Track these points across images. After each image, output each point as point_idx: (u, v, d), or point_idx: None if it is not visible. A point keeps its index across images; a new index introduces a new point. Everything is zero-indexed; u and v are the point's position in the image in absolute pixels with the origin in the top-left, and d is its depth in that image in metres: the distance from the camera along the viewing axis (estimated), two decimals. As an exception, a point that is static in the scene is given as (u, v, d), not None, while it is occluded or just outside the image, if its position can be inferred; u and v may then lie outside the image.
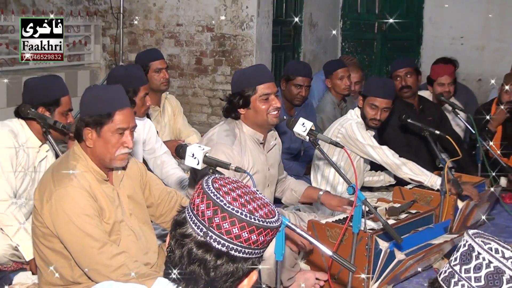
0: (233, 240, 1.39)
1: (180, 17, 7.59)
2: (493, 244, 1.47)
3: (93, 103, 2.60)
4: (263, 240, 1.43)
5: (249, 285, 1.48)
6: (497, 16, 8.28)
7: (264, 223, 1.41)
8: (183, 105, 5.71)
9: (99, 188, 2.61)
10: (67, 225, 2.50)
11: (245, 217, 1.39)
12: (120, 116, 2.58)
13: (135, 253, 2.65)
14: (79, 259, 2.52)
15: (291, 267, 3.19)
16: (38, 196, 2.61)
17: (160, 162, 4.11)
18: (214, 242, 1.39)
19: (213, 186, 1.44)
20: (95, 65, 7.93)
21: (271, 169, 3.45)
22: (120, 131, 2.59)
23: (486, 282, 1.38)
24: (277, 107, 3.26)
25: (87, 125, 2.59)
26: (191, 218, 1.43)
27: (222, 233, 1.39)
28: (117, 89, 2.66)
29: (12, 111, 3.47)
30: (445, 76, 5.18)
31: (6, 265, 3.35)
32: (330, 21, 8.90)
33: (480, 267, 1.40)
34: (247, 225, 1.39)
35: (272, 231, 1.44)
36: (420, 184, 4.13)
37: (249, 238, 1.40)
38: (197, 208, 1.42)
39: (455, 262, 1.46)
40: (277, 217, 1.46)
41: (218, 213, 1.39)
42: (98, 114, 2.57)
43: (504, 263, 1.39)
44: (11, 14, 6.92)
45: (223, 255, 1.39)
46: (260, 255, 1.47)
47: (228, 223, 1.39)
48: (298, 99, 4.99)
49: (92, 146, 2.60)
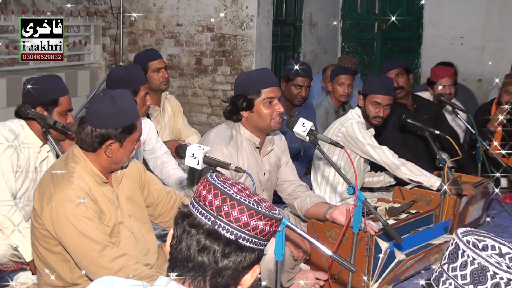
0: (241, 228, 1.43)
1: (180, 17, 7.59)
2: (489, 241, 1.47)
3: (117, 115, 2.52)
4: (269, 231, 1.47)
5: (252, 279, 1.49)
6: (497, 16, 8.28)
7: (270, 213, 1.46)
8: (183, 105, 5.71)
9: (99, 191, 2.61)
10: (68, 228, 2.49)
11: (253, 205, 1.44)
12: (139, 126, 2.62)
13: (135, 254, 2.65)
14: (80, 262, 2.52)
15: (290, 269, 3.18)
16: (37, 198, 2.60)
17: (160, 162, 4.10)
18: (223, 230, 1.42)
19: (218, 179, 1.48)
20: (95, 65, 7.93)
21: (266, 174, 3.42)
22: (137, 139, 2.63)
23: (472, 279, 1.39)
24: (280, 112, 3.25)
25: (110, 138, 2.54)
26: (197, 209, 1.45)
27: (231, 221, 1.42)
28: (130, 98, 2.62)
29: (12, 111, 3.46)
30: (446, 78, 5.19)
31: (6, 265, 3.35)
32: (330, 21, 8.91)
33: (465, 264, 1.41)
34: (255, 213, 1.44)
35: (276, 223, 1.49)
36: (420, 184, 4.13)
37: (256, 227, 1.44)
38: (204, 199, 1.45)
39: (444, 261, 1.47)
40: (278, 212, 1.51)
41: (227, 201, 1.43)
42: (123, 127, 2.54)
43: (488, 259, 1.39)
44: (11, 14, 6.91)
45: (231, 244, 1.42)
46: (263, 248, 1.49)
47: (237, 210, 1.42)
48: (298, 99, 5.01)
49: (112, 156, 2.58)
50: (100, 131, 2.52)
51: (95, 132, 2.53)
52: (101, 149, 2.56)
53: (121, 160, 2.62)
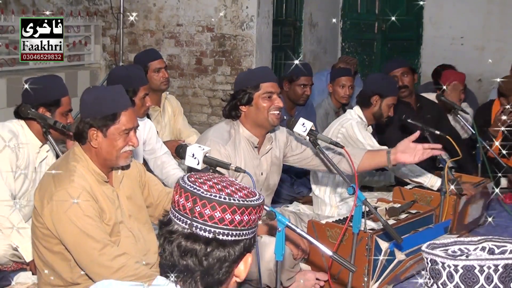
0: (217, 224, 1.43)
1: (180, 17, 7.59)
2: (455, 247, 1.46)
3: (96, 104, 2.59)
4: (248, 219, 1.47)
5: (246, 268, 1.51)
6: (497, 16, 8.27)
7: (244, 202, 1.46)
8: (183, 105, 5.71)
9: (100, 189, 2.61)
10: (68, 226, 2.49)
11: (224, 199, 1.44)
12: (125, 117, 2.60)
13: (134, 254, 2.65)
14: (80, 260, 2.52)
15: (290, 268, 3.18)
16: (38, 197, 2.60)
17: (161, 163, 4.10)
18: (200, 231, 1.44)
19: (189, 181, 1.49)
20: (95, 65, 7.93)
21: (264, 173, 3.40)
22: (126, 131, 2.60)
23: (466, 285, 1.38)
24: (279, 106, 3.24)
25: (92, 126, 2.58)
26: (174, 215, 1.48)
27: (206, 220, 1.43)
28: (119, 89, 2.66)
29: (12, 111, 3.46)
30: (457, 83, 5.25)
31: (6, 265, 3.35)
32: (330, 21, 8.90)
33: (451, 274, 1.39)
34: (228, 207, 1.44)
35: (255, 209, 1.48)
36: (420, 185, 4.13)
37: (233, 220, 1.44)
38: (178, 204, 1.47)
39: (431, 282, 1.45)
40: (258, 196, 1.51)
41: (198, 201, 1.44)
42: (103, 115, 2.56)
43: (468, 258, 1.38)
44: (11, 14, 6.92)
45: (211, 241, 1.43)
46: (251, 237, 1.50)
47: (209, 208, 1.43)
48: (303, 99, 5.05)
49: (98, 147, 2.60)
50: (84, 120, 2.59)
51: (81, 122, 2.60)
52: (88, 141, 2.59)
53: (109, 153, 2.60)
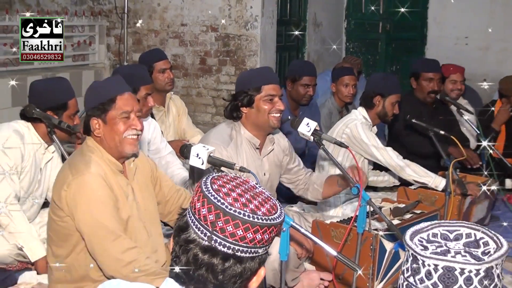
0: (238, 242, 1.38)
1: (184, 17, 7.59)
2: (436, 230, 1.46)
3: (93, 94, 2.67)
4: (268, 238, 1.42)
5: (258, 282, 1.47)
6: (501, 16, 8.25)
7: (267, 221, 1.40)
8: (188, 105, 5.71)
9: (115, 179, 2.63)
10: (84, 213, 2.51)
11: (248, 217, 1.38)
12: (122, 100, 2.62)
13: (145, 249, 2.65)
14: (93, 249, 2.53)
15: (295, 268, 3.18)
16: (55, 189, 2.61)
17: (165, 162, 4.11)
18: (219, 246, 1.38)
19: (212, 188, 1.41)
20: (99, 65, 7.94)
21: (266, 174, 3.41)
22: (125, 114, 2.62)
23: (444, 285, 1.37)
24: (280, 109, 3.24)
25: (93, 116, 2.62)
26: (193, 222, 1.41)
27: (227, 236, 1.37)
28: (115, 77, 2.74)
29: (16, 111, 3.47)
30: (458, 74, 5.23)
31: (11, 264, 3.36)
32: (334, 21, 8.89)
33: (430, 272, 1.38)
34: (251, 226, 1.38)
35: (276, 228, 1.43)
36: (425, 185, 4.13)
37: (254, 238, 1.39)
38: (199, 213, 1.40)
39: (408, 274, 1.44)
40: (279, 212, 1.45)
41: (221, 216, 1.38)
42: (100, 102, 2.61)
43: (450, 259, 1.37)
44: (15, 14, 6.93)
45: (229, 258, 1.38)
46: (266, 252, 1.46)
47: (231, 225, 1.37)
48: (306, 99, 5.01)
49: (102, 135, 2.63)
50: (87, 113, 2.66)
51: (86, 116, 2.67)
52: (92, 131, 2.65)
53: (112, 140, 2.63)
